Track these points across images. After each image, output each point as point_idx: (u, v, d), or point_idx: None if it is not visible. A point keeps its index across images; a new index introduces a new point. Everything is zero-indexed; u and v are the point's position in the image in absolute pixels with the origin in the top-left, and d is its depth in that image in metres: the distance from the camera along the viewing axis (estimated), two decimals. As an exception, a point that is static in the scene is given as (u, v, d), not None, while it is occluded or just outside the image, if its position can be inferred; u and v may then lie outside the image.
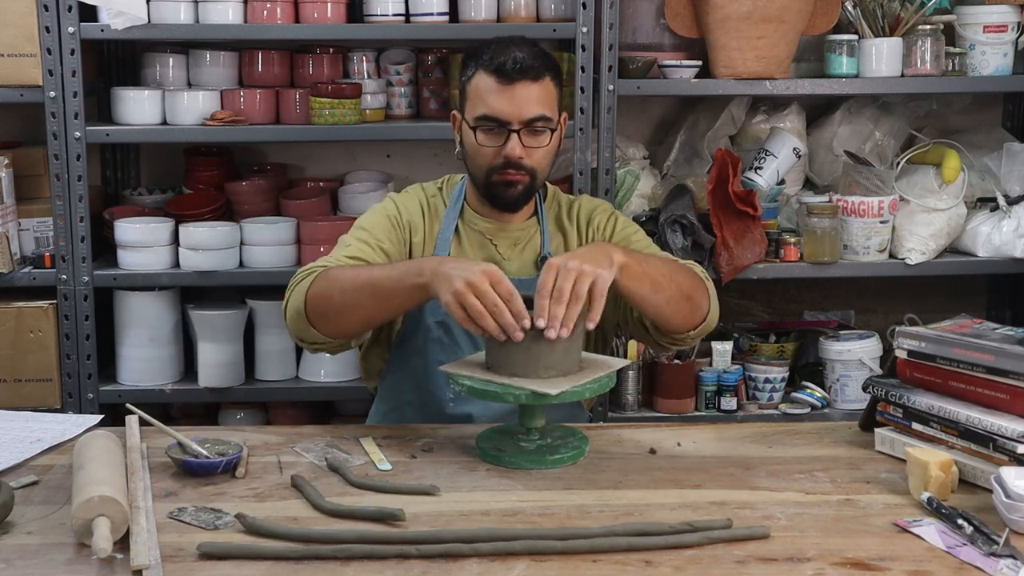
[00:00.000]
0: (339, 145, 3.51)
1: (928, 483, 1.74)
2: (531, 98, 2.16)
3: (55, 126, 2.97)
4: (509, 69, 2.14)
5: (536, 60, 2.17)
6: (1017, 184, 3.18)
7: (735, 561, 1.56)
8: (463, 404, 2.23)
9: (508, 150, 2.17)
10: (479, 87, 2.18)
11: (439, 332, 2.24)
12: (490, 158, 2.19)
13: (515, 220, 2.31)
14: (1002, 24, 3.19)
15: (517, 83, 2.15)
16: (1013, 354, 1.80)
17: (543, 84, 2.17)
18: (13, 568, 1.53)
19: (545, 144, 2.20)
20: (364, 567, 1.54)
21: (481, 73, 2.18)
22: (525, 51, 2.17)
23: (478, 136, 2.19)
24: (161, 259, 3.09)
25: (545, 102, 2.18)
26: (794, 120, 3.39)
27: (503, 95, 2.16)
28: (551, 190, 2.39)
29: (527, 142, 2.18)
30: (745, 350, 3.37)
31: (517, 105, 2.15)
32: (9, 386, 3.05)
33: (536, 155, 2.20)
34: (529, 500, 1.77)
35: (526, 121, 2.16)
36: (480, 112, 2.18)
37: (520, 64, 2.14)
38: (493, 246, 2.29)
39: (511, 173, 2.19)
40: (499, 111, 2.16)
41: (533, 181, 2.22)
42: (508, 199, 2.23)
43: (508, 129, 2.17)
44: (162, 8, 3.01)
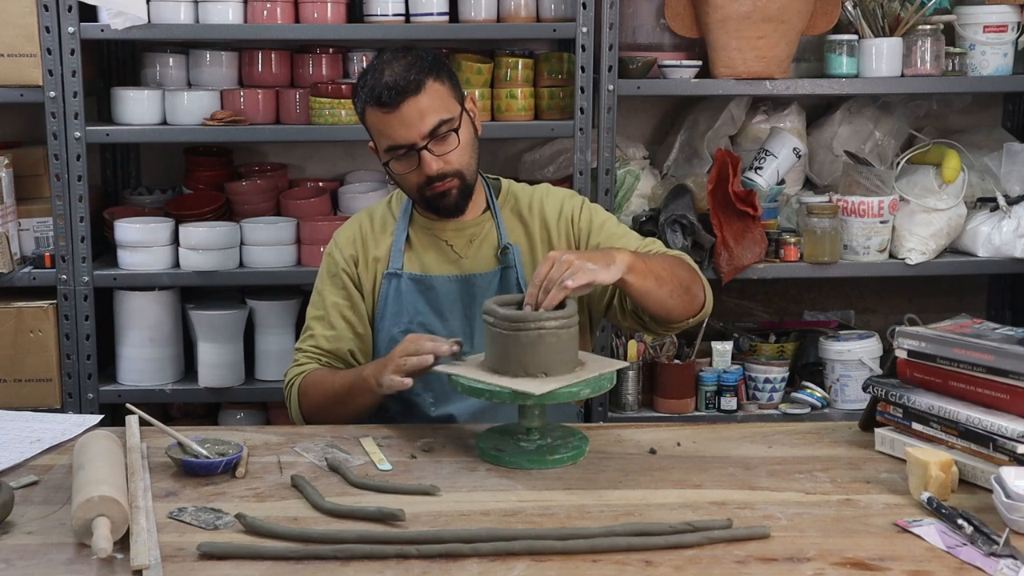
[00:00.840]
0: (339, 145, 3.51)
1: (928, 483, 1.74)
2: (420, 111, 2.13)
3: (55, 126, 2.97)
4: (386, 97, 2.12)
5: (410, 72, 2.13)
6: (1017, 184, 3.18)
7: (735, 561, 1.56)
8: (443, 405, 2.25)
9: (425, 168, 2.16)
10: (372, 121, 2.19)
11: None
12: (415, 180, 2.20)
13: (467, 217, 2.30)
14: (1002, 24, 3.19)
15: (400, 105, 2.12)
16: (1013, 354, 1.80)
17: (427, 91, 2.14)
18: (13, 568, 1.53)
19: (455, 145, 2.17)
20: (364, 567, 1.54)
21: (368, 108, 2.17)
22: (396, 68, 2.14)
23: (394, 166, 2.20)
24: (161, 259, 3.09)
25: (437, 106, 2.15)
26: (794, 120, 3.39)
27: (394, 122, 2.14)
28: (504, 184, 2.39)
29: (438, 151, 2.16)
30: (745, 350, 3.37)
31: (411, 125, 2.14)
32: (9, 386, 3.05)
33: (453, 157, 2.18)
34: (529, 500, 1.77)
35: (427, 134, 2.15)
36: (384, 144, 2.18)
37: (394, 87, 2.12)
38: (448, 246, 2.30)
39: (438, 185, 2.19)
40: (398, 138, 2.15)
41: (464, 180, 2.21)
42: (448, 207, 2.24)
43: (415, 150, 2.16)
44: (162, 8, 3.01)
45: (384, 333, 2.29)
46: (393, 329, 2.28)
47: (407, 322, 2.27)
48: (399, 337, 2.25)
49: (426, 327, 2.25)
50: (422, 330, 2.25)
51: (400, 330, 2.26)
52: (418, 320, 2.26)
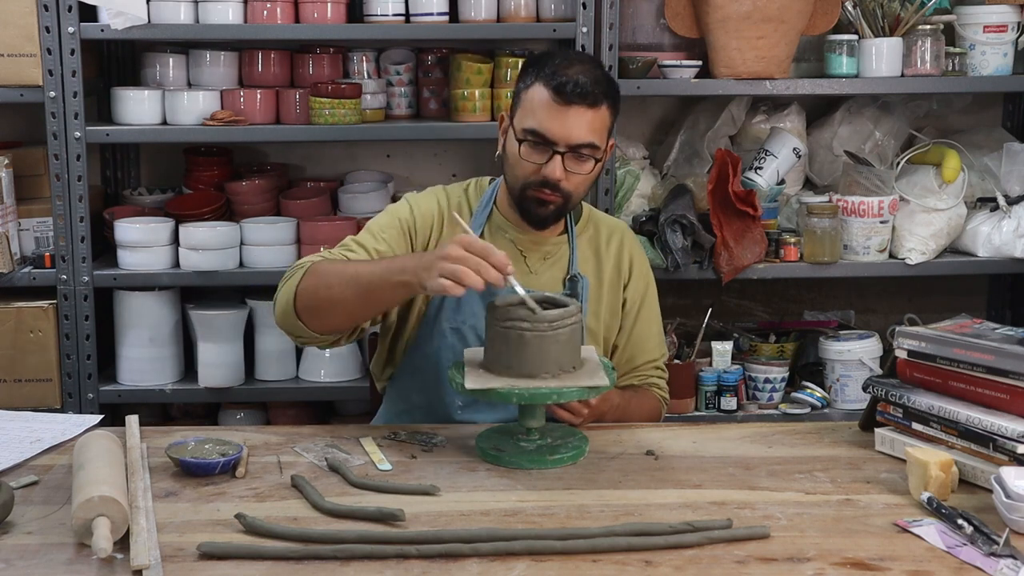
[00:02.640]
0: (339, 145, 3.51)
1: (928, 483, 1.74)
2: (583, 124, 2.10)
3: (55, 126, 2.97)
4: (568, 90, 2.08)
5: (597, 86, 2.10)
6: (1017, 184, 3.18)
7: (735, 561, 1.56)
8: (471, 412, 2.23)
9: (548, 170, 2.12)
10: (534, 99, 2.13)
11: (453, 339, 2.22)
12: (529, 172, 2.15)
13: (546, 234, 2.27)
14: (1002, 24, 3.19)
15: (573, 106, 2.09)
16: (1013, 354, 1.80)
17: (598, 111, 2.11)
18: (13, 568, 1.53)
19: (587, 171, 2.15)
20: (364, 567, 1.54)
21: (539, 85, 2.12)
22: (589, 74, 2.11)
23: (522, 148, 2.15)
24: (161, 259, 3.09)
25: (596, 130, 2.12)
26: (794, 120, 3.39)
27: (556, 115, 2.10)
28: (586, 211, 2.36)
29: (569, 166, 2.13)
30: (745, 350, 3.37)
31: (567, 128, 2.10)
32: (9, 386, 3.05)
33: (575, 180, 2.15)
34: (529, 500, 1.77)
35: (573, 146, 2.11)
36: (529, 125, 2.13)
37: (580, 88, 2.08)
38: (523, 257, 2.26)
39: (546, 192, 2.15)
40: (548, 130, 2.11)
41: (566, 204, 2.18)
42: (537, 217, 2.20)
43: (553, 149, 2.12)
44: (162, 8, 3.01)
45: (436, 325, 2.22)
46: (445, 324, 2.22)
47: (460, 321, 2.21)
48: (448, 334, 2.21)
49: (477, 332, 2.20)
50: (473, 333, 2.20)
51: (452, 327, 2.21)
52: (471, 323, 2.21)
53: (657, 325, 2.40)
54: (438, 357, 2.23)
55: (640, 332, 2.35)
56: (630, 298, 2.34)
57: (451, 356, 2.21)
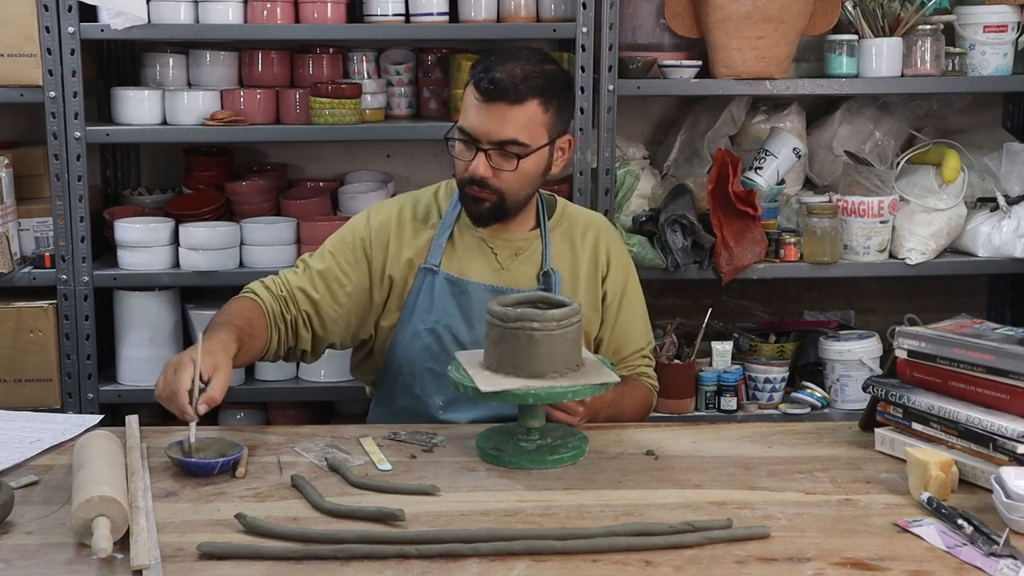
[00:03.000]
0: (339, 145, 3.51)
1: (928, 483, 1.74)
2: (504, 120, 2.11)
3: (55, 126, 2.97)
4: (484, 87, 2.11)
5: (524, 82, 2.11)
6: (1017, 184, 3.18)
7: (735, 561, 1.56)
8: (452, 411, 2.25)
9: (472, 168, 2.15)
10: (466, 99, 2.17)
11: (429, 339, 2.25)
12: (462, 170, 2.19)
13: (515, 229, 2.28)
14: (1002, 24, 3.19)
15: (493, 103, 2.11)
16: (1013, 354, 1.80)
17: (524, 107, 2.11)
18: (13, 568, 1.53)
19: (512, 168, 2.14)
20: (364, 567, 1.54)
21: (470, 84, 2.16)
22: (518, 70, 2.12)
23: (456, 147, 2.19)
24: (161, 259, 3.08)
25: (521, 126, 2.12)
26: (794, 120, 3.39)
27: (479, 111, 2.13)
28: (560, 204, 2.37)
29: (495, 163, 2.14)
30: (745, 350, 3.37)
31: (487, 125, 2.12)
32: (9, 386, 3.05)
33: (504, 177, 2.15)
34: (529, 500, 1.77)
35: (495, 142, 2.13)
36: (460, 123, 2.17)
37: (497, 84, 2.09)
38: (493, 254, 2.28)
39: (476, 190, 2.17)
40: (471, 126, 2.14)
41: (502, 202, 2.18)
42: (474, 214, 2.22)
43: (476, 147, 2.14)
44: (162, 8, 3.01)
45: (410, 327, 2.26)
46: (419, 325, 2.25)
47: (434, 321, 2.24)
48: (423, 334, 2.24)
49: (451, 331, 2.24)
50: (448, 333, 2.23)
51: (426, 327, 2.24)
52: (445, 322, 2.24)
53: (641, 314, 2.40)
54: (415, 359, 2.25)
55: (624, 323, 2.35)
56: (610, 291, 2.34)
57: (428, 357, 2.24)
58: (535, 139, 2.15)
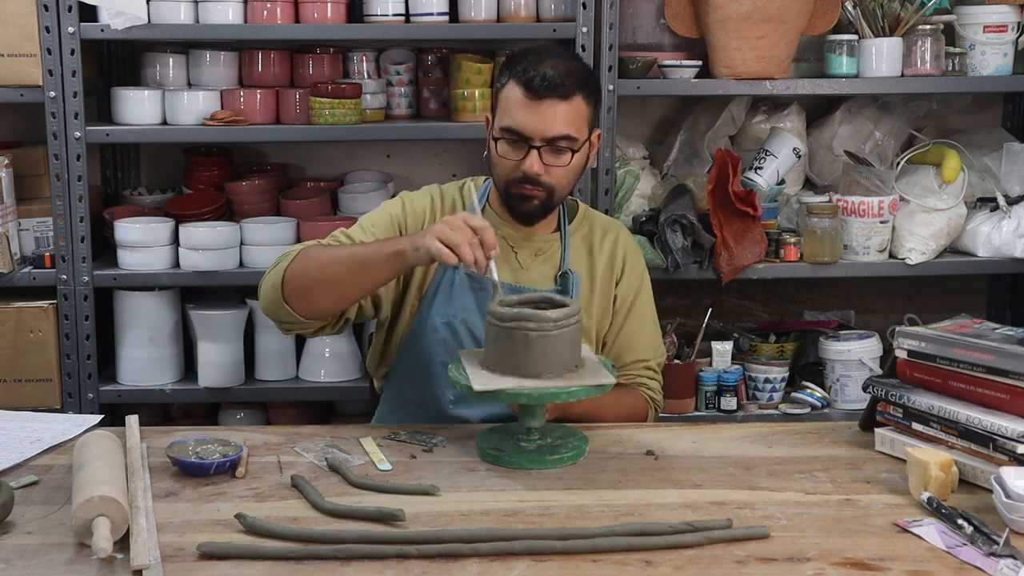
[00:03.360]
0: (339, 145, 3.51)
1: (928, 483, 1.74)
2: (556, 116, 2.13)
3: (55, 126, 2.97)
4: (537, 85, 2.12)
5: (569, 78, 2.13)
6: (1017, 184, 3.18)
7: (735, 561, 1.56)
8: (463, 407, 2.24)
9: (526, 166, 2.15)
10: (508, 97, 2.17)
11: (445, 332, 2.24)
12: (510, 169, 2.18)
13: (538, 230, 2.29)
14: (1002, 24, 3.19)
15: (544, 100, 2.12)
16: (1013, 354, 1.80)
17: (572, 103, 2.14)
18: (13, 568, 1.53)
19: (565, 163, 2.17)
20: (364, 567, 1.54)
21: (512, 83, 2.16)
22: (560, 66, 2.14)
23: (500, 147, 2.18)
24: (161, 259, 3.08)
25: (571, 121, 2.15)
26: (794, 120, 3.39)
27: (528, 110, 2.13)
28: (582, 208, 2.38)
29: (547, 160, 2.16)
30: (745, 350, 3.37)
31: (541, 122, 2.13)
32: (9, 386, 3.05)
33: (555, 173, 2.17)
34: (529, 500, 1.77)
35: (548, 139, 2.14)
36: (505, 123, 2.16)
37: (549, 81, 2.11)
38: (514, 253, 2.28)
39: (528, 188, 2.18)
40: (522, 125, 2.14)
41: (551, 198, 2.20)
42: (523, 212, 2.23)
43: (529, 144, 2.15)
44: (162, 8, 3.01)
45: (428, 319, 2.25)
46: (436, 319, 2.24)
47: (452, 315, 2.23)
48: (440, 328, 2.24)
49: (468, 326, 2.23)
50: (464, 328, 2.23)
51: (443, 321, 2.24)
52: (462, 317, 2.24)
53: (651, 326, 2.39)
54: (430, 352, 2.25)
55: (630, 330, 2.34)
56: (621, 295, 2.34)
57: (443, 351, 2.23)
58: (582, 133, 2.18)
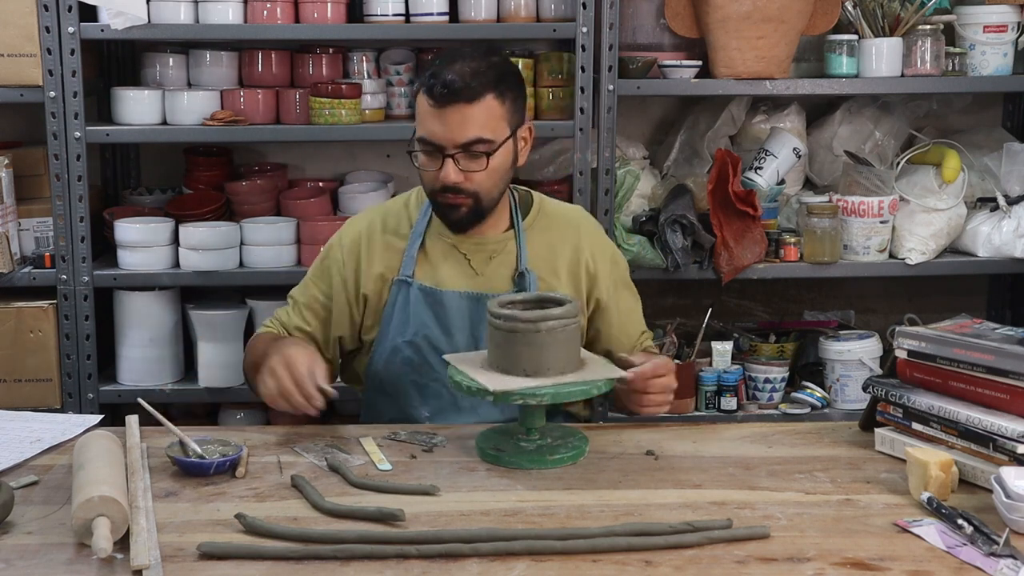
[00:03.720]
0: (339, 145, 3.51)
1: (928, 483, 1.74)
2: (464, 121, 2.07)
3: (55, 126, 2.97)
4: (438, 93, 2.06)
5: (475, 79, 2.06)
6: (1017, 184, 3.18)
7: (735, 561, 1.56)
8: (440, 419, 2.23)
9: (443, 175, 2.11)
10: (419, 108, 2.13)
11: (409, 351, 2.23)
12: (431, 180, 2.14)
13: (488, 232, 2.24)
14: (1002, 24, 3.19)
15: (448, 106, 2.06)
16: (1013, 354, 1.80)
17: (482, 104, 2.07)
18: (13, 568, 1.53)
19: (483, 167, 2.10)
20: (364, 567, 1.54)
21: (421, 93, 2.12)
22: (466, 69, 2.07)
23: (419, 158, 2.15)
24: (161, 259, 3.08)
25: (483, 123, 2.08)
26: (794, 120, 3.39)
27: (436, 118, 2.08)
28: (536, 201, 2.32)
29: (464, 166, 2.10)
30: (745, 350, 3.37)
31: (449, 129, 2.07)
32: (9, 386, 3.05)
33: (475, 178, 2.11)
34: (529, 500, 1.77)
35: (460, 145, 2.08)
36: (419, 134, 2.13)
37: (450, 87, 2.05)
38: (466, 260, 2.24)
39: (451, 196, 2.13)
40: (432, 134, 2.10)
41: (478, 203, 2.15)
42: (453, 221, 2.18)
43: (443, 153, 2.10)
44: (162, 8, 3.01)
45: (388, 342, 2.25)
46: (398, 339, 2.23)
47: (412, 334, 2.22)
48: (402, 347, 2.23)
49: (430, 341, 2.21)
50: (427, 344, 2.21)
51: (404, 340, 2.22)
52: (423, 333, 2.21)
53: (634, 300, 2.37)
54: (398, 372, 2.25)
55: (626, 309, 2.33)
56: (603, 288, 2.30)
57: (409, 370, 2.23)
58: (498, 134, 2.11)
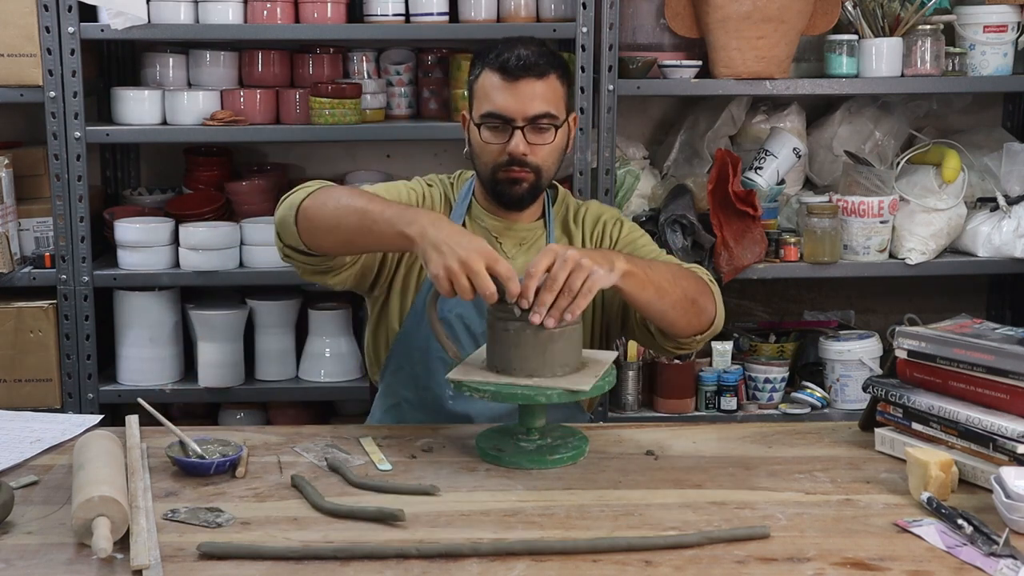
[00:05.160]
0: (339, 145, 3.51)
1: (928, 483, 1.74)
2: (535, 95, 2.16)
3: (55, 126, 2.98)
4: (512, 66, 2.15)
5: (542, 58, 2.17)
6: (1017, 184, 3.18)
7: (735, 561, 1.56)
8: (463, 402, 2.23)
9: (512, 147, 2.17)
10: (485, 85, 2.19)
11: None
12: (495, 155, 2.20)
13: (522, 220, 2.30)
14: (1002, 24, 3.19)
15: (521, 80, 2.15)
16: (1013, 354, 1.80)
17: (548, 81, 2.18)
18: (13, 568, 1.53)
19: (550, 141, 2.20)
20: (364, 567, 1.54)
21: (487, 71, 2.19)
22: (531, 49, 2.17)
23: (483, 133, 2.20)
24: (161, 259, 3.09)
25: (550, 99, 2.18)
26: (794, 120, 3.39)
27: (507, 92, 2.16)
28: (562, 192, 2.39)
29: (531, 139, 2.18)
30: (745, 350, 3.37)
31: (521, 102, 2.16)
32: (9, 386, 3.05)
33: (541, 152, 2.19)
34: (529, 500, 1.77)
35: (530, 118, 2.16)
36: (485, 109, 2.19)
37: (524, 61, 2.15)
38: (498, 244, 2.28)
39: (515, 170, 2.19)
40: (503, 108, 2.17)
41: (539, 179, 2.22)
42: (514, 196, 2.23)
43: (512, 126, 2.17)
44: (162, 8, 3.01)
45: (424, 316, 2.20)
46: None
47: (447, 311, 2.23)
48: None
49: (463, 320, 2.23)
50: (460, 323, 2.23)
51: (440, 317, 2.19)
52: (456, 311, 2.24)
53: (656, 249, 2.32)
54: (427, 348, 2.24)
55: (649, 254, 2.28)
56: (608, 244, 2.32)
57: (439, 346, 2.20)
58: (561, 112, 2.21)
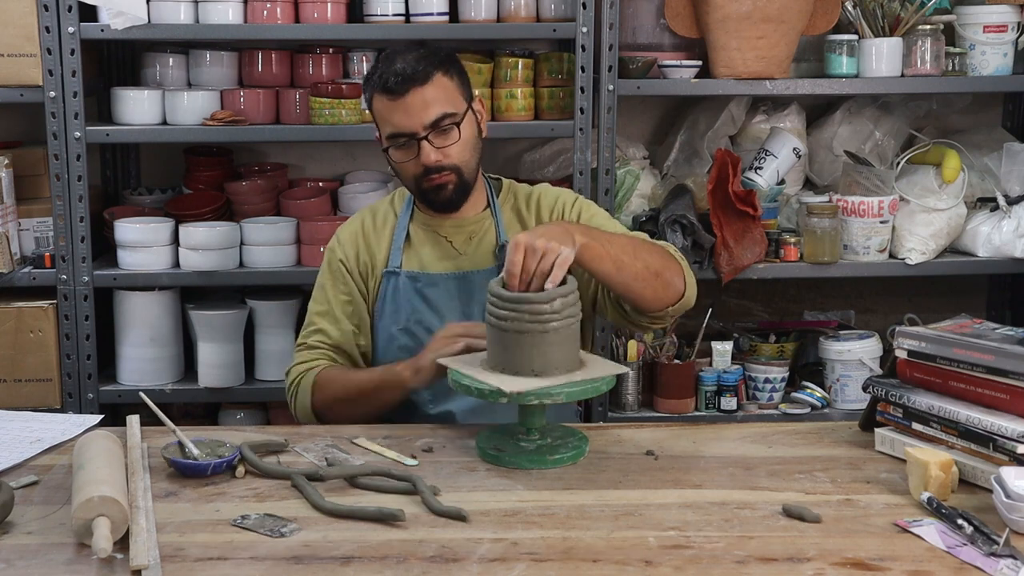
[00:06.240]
0: (339, 145, 3.51)
1: (928, 483, 1.74)
2: (426, 102, 2.18)
3: (55, 126, 2.97)
4: (394, 83, 2.18)
5: (420, 63, 2.19)
6: (1017, 184, 3.18)
7: (735, 561, 1.56)
8: (442, 402, 2.26)
9: (423, 159, 2.21)
10: (378, 108, 2.24)
11: (404, 339, 2.30)
12: (412, 169, 2.24)
13: (466, 214, 2.33)
14: (1002, 24, 3.19)
15: (407, 93, 2.18)
16: (1013, 354, 1.80)
17: (434, 83, 2.19)
18: (13, 568, 1.53)
19: (456, 139, 2.22)
20: (364, 567, 1.54)
21: (376, 95, 2.23)
22: (407, 59, 2.20)
23: (394, 154, 2.24)
24: (161, 259, 3.09)
25: (442, 100, 2.20)
26: (794, 120, 3.39)
27: (399, 109, 2.19)
28: (506, 184, 2.43)
29: (438, 143, 2.21)
30: (745, 350, 3.37)
31: (414, 114, 2.19)
32: (9, 386, 3.05)
33: (453, 152, 2.22)
34: (529, 500, 1.77)
35: (429, 125, 2.19)
36: (387, 132, 2.23)
37: (402, 75, 2.17)
38: (448, 242, 2.32)
39: (435, 177, 2.23)
40: (401, 126, 2.20)
41: (461, 176, 2.25)
42: (443, 200, 2.27)
43: (416, 139, 2.20)
44: (162, 8, 3.01)
45: (383, 332, 2.31)
46: (392, 327, 2.30)
47: (405, 320, 2.29)
48: (397, 336, 2.28)
49: (424, 325, 2.27)
50: (420, 328, 2.27)
51: (398, 328, 2.29)
52: (415, 318, 2.28)
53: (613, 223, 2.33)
54: (396, 358, 2.27)
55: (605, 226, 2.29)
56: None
57: (407, 355, 2.25)
58: (458, 106, 2.23)
